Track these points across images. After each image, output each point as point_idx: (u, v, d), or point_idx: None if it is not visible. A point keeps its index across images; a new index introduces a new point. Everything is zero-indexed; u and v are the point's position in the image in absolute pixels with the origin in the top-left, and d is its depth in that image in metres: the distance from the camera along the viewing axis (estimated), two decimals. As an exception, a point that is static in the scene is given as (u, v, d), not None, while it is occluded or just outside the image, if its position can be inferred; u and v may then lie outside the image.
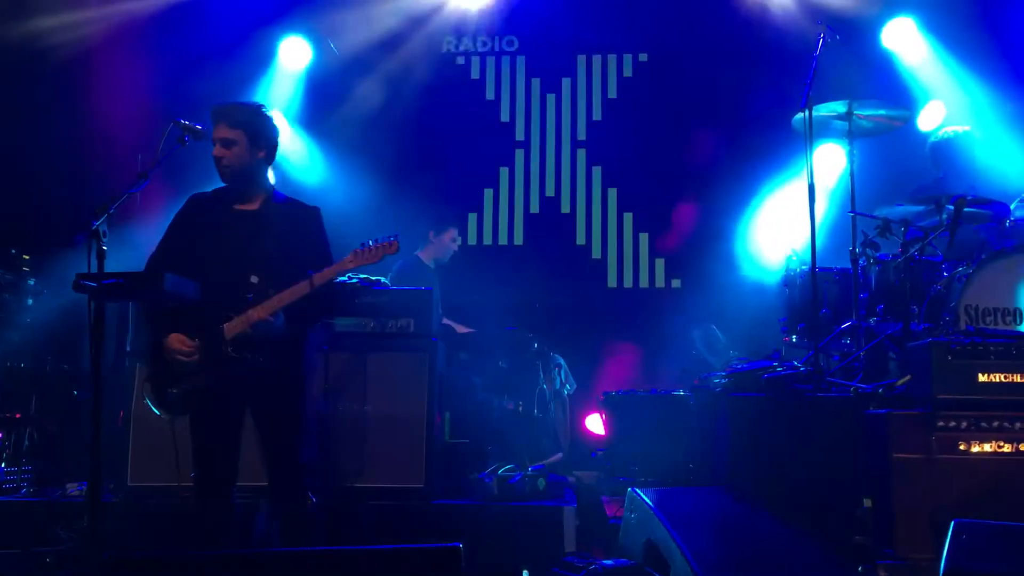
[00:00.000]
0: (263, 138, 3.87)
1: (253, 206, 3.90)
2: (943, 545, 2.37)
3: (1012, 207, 5.51)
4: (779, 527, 4.34)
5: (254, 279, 3.73)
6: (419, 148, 7.49)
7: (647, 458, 5.57)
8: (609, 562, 4.27)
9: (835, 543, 4.26)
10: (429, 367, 5.07)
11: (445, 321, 6.37)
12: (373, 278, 5.29)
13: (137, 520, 4.72)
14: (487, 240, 7.59)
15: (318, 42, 7.49)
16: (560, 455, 6.22)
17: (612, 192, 7.59)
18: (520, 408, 6.16)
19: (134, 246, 4.23)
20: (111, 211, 3.33)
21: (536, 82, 7.71)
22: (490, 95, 7.71)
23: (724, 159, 7.25)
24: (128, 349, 5.27)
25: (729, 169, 7.21)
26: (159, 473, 4.67)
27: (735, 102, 7.25)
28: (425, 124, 7.54)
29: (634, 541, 4.37)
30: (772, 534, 4.28)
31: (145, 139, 5.42)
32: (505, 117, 7.70)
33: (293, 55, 7.43)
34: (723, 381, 5.38)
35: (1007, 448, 4.20)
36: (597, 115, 7.67)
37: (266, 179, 4.01)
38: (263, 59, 7.38)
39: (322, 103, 7.49)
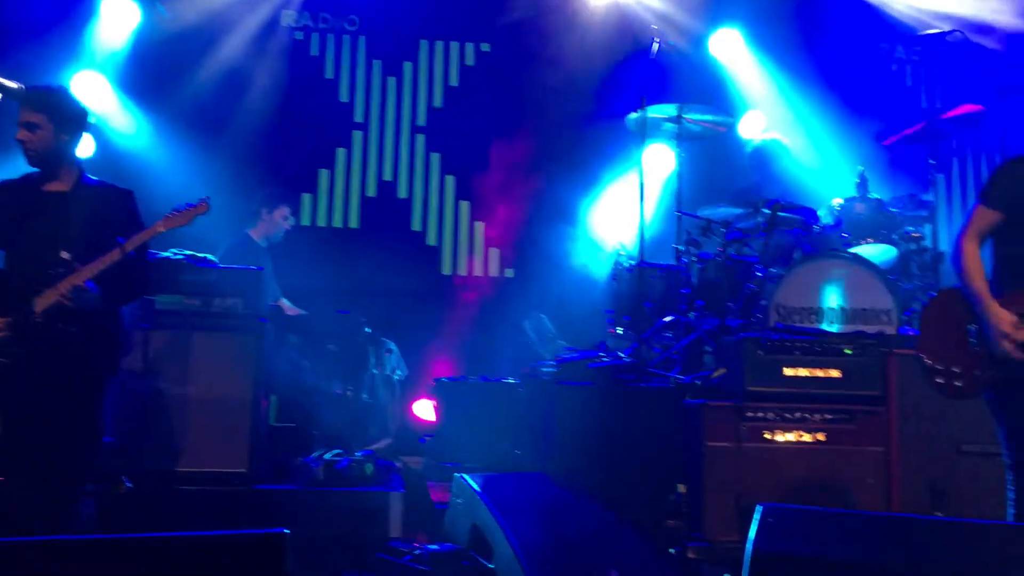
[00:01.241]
0: (67, 120, 3.79)
1: (63, 187, 3.82)
2: (749, 528, 2.52)
3: (821, 214, 5.92)
4: (599, 511, 4.49)
5: (65, 255, 3.62)
6: (253, 123, 7.24)
7: (475, 444, 5.63)
8: (434, 547, 4.31)
9: (650, 527, 4.46)
10: (256, 349, 4.93)
11: (276, 302, 6.20)
12: (199, 255, 5.09)
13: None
14: (321, 221, 7.45)
15: (147, 4, 7.11)
16: (389, 440, 6.20)
17: (450, 180, 7.61)
18: (349, 393, 6.09)
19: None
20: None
21: (377, 64, 7.62)
22: (329, 74, 7.55)
23: (560, 153, 7.40)
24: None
25: (564, 163, 7.38)
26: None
27: (573, 98, 7.41)
28: (260, 98, 7.29)
29: (460, 526, 4.41)
30: (592, 518, 4.43)
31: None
32: (344, 97, 7.56)
33: (118, 16, 7.01)
34: (551, 370, 5.51)
35: (807, 438, 4.52)
36: (438, 102, 7.66)
37: (75, 159, 3.90)
38: (85, 19, 6.93)
39: (151, 70, 7.11)
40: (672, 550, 4.34)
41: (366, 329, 6.31)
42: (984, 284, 3.35)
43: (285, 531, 2.48)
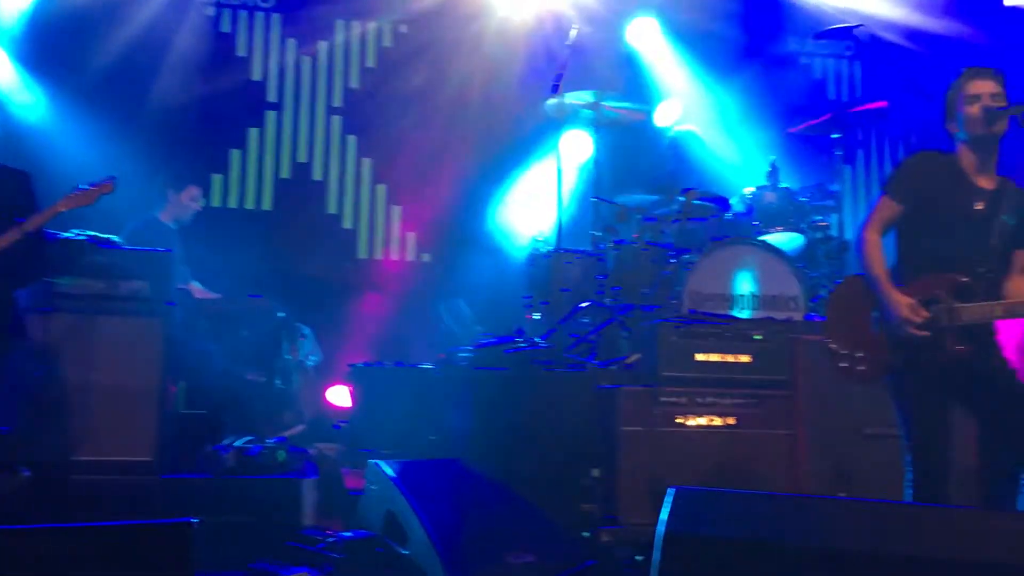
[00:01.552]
0: None
1: None
2: (661, 511, 2.56)
3: (733, 202, 6.04)
4: (514, 496, 4.50)
5: None
6: (162, 101, 7.00)
7: (391, 431, 5.58)
8: (348, 534, 4.26)
9: (565, 511, 4.50)
10: (163, 333, 4.78)
11: (185, 285, 6.04)
12: (103, 236, 4.92)
13: None
14: (232, 203, 7.26)
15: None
16: (302, 427, 6.10)
17: (366, 163, 7.50)
18: (262, 379, 5.97)
19: None
20: None
21: (292, 43, 7.45)
22: (241, 51, 7.35)
23: (478, 138, 7.37)
24: None
25: (482, 148, 7.35)
26: None
27: (492, 82, 7.38)
28: (169, 75, 7.06)
29: (374, 512, 4.38)
30: (507, 503, 4.44)
31: None
32: (257, 76, 7.38)
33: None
34: (468, 355, 5.49)
35: (718, 422, 4.62)
36: (355, 83, 7.54)
37: None
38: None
39: (54, 43, 6.80)
40: (586, 533, 4.38)
41: (279, 314, 6.20)
42: (885, 272, 3.45)
43: (192, 520, 2.42)
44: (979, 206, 3.43)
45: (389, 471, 4.34)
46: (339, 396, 6.36)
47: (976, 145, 3.45)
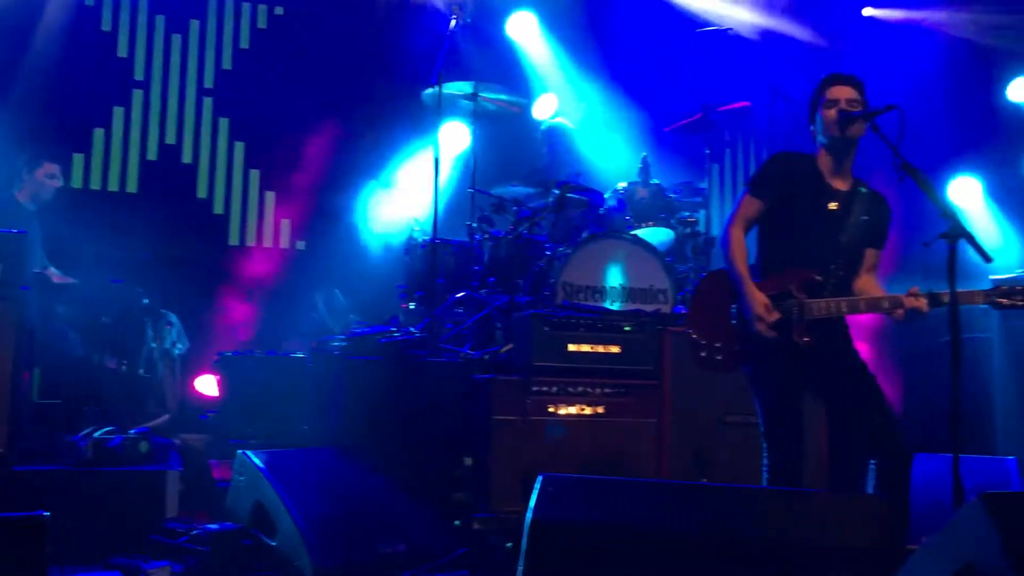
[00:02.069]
0: None
1: None
2: (530, 498, 2.61)
3: (607, 196, 6.18)
4: (387, 486, 4.50)
5: None
6: (20, 77, 6.62)
7: (262, 421, 5.48)
8: (214, 526, 4.17)
9: (438, 500, 4.52)
10: (16, 319, 4.52)
11: (42, 270, 5.74)
12: (-49, 217, 4.63)
13: None
14: (95, 184, 6.94)
15: None
16: (167, 417, 5.91)
17: (239, 146, 7.30)
18: (124, 367, 5.75)
19: None
20: None
21: (160, 19, 7.17)
22: (106, 26, 7.03)
23: (355, 126, 7.28)
24: None
25: (359, 136, 7.27)
26: None
27: (369, 69, 7.31)
28: (27, 49, 6.68)
29: (242, 504, 4.29)
30: (380, 492, 4.43)
31: None
32: (123, 52, 7.07)
33: None
34: (342, 344, 5.44)
35: (588, 411, 4.73)
36: (227, 64, 7.32)
37: None
38: None
39: None
40: (457, 522, 4.42)
41: (144, 300, 5.97)
42: (745, 267, 3.61)
43: (44, 514, 2.32)
44: (833, 207, 3.63)
45: (258, 461, 4.26)
46: (207, 386, 6.19)
47: (833, 148, 3.64)
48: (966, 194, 8.23)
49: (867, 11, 8.36)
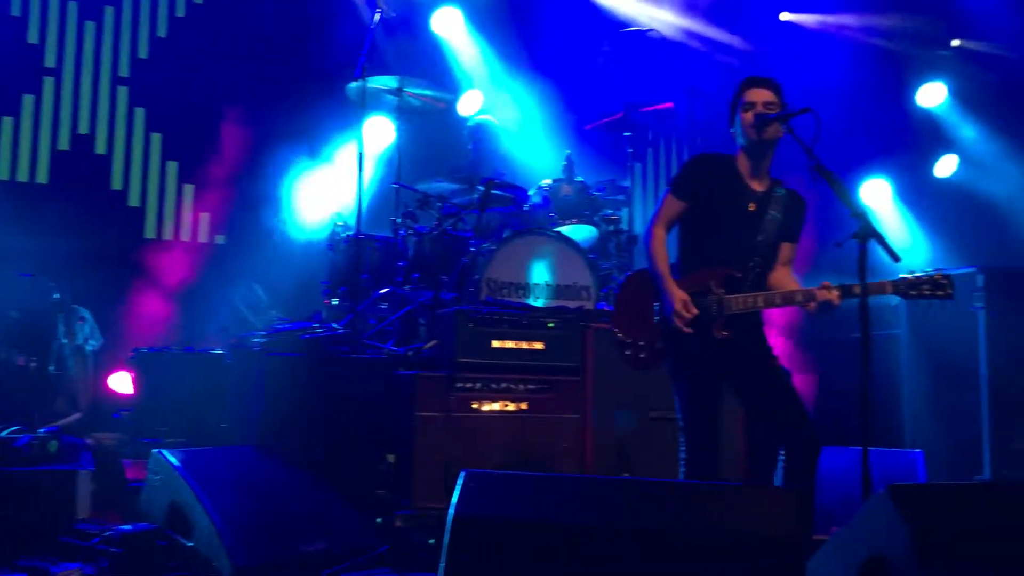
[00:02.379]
0: None
1: None
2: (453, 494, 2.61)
3: (531, 193, 6.21)
4: (308, 483, 4.45)
5: None
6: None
7: (178, 419, 5.35)
8: (127, 527, 4.06)
9: (361, 497, 4.49)
10: (-82, 315, 4.36)
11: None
12: None
13: None
14: (3, 174, 6.66)
15: None
16: (78, 415, 5.73)
17: (156, 137, 7.11)
18: (33, 364, 5.56)
19: None
20: None
21: (73, 6, 6.93)
22: (16, 11, 6.76)
23: (278, 118, 7.16)
24: None
25: (282, 129, 7.14)
26: None
27: (292, 61, 7.19)
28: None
29: (157, 504, 4.19)
30: (300, 490, 4.38)
31: None
32: (34, 38, 6.82)
33: None
34: (262, 340, 5.35)
35: (511, 407, 4.75)
36: (143, 53, 7.12)
37: None
38: None
39: None
40: (380, 519, 4.39)
41: (55, 295, 5.78)
42: (666, 266, 3.68)
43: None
44: (751, 207, 3.71)
45: (174, 460, 4.17)
46: (121, 383, 6.02)
47: (751, 150, 3.73)
48: (877, 196, 8.53)
49: (784, 15, 8.58)
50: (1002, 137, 8.39)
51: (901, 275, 3.47)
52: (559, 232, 5.66)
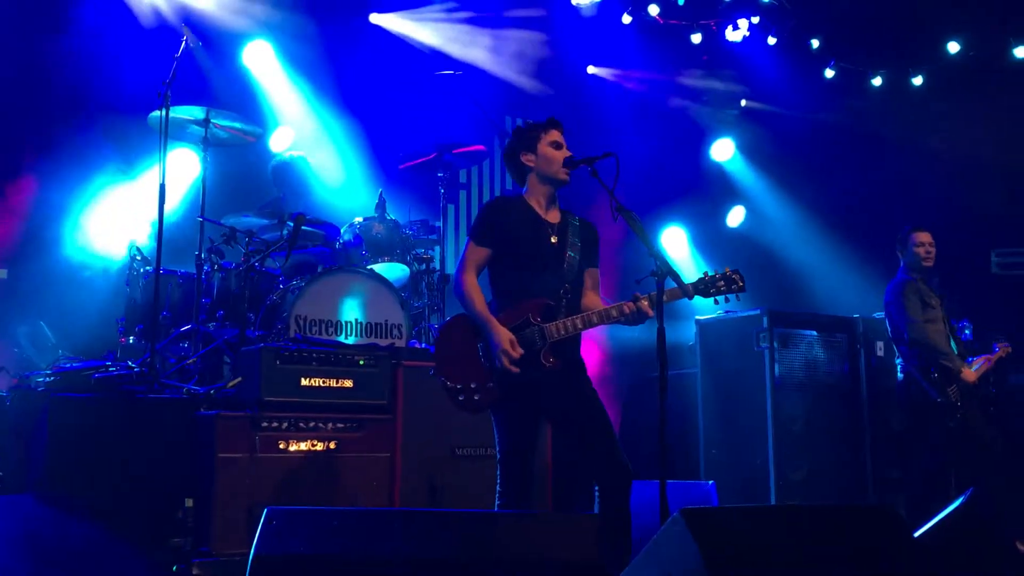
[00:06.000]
0: None
1: None
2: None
3: (343, 230, 6.15)
4: (95, 533, 4.17)
5: None
6: None
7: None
8: None
9: (155, 545, 4.24)
10: None
11: None
12: None
13: None
14: None
15: None
16: None
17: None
18: None
19: None
20: None
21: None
22: None
23: (68, 144, 6.71)
24: None
25: (74, 157, 6.70)
26: None
27: (89, 84, 6.79)
28: None
29: (-81, 561, 3.79)
30: (86, 540, 4.10)
31: None
32: None
33: None
34: (48, 380, 4.98)
35: (320, 446, 4.65)
36: None
37: None
38: None
39: None
40: (175, 567, 4.16)
41: None
42: (485, 308, 3.76)
43: None
44: (553, 240, 3.87)
45: (-60, 512, 3.80)
46: None
47: (546, 184, 3.90)
48: (673, 242, 9.08)
49: (591, 69, 9.00)
50: (780, 189, 9.17)
51: (697, 318, 3.71)
52: (371, 270, 5.63)
